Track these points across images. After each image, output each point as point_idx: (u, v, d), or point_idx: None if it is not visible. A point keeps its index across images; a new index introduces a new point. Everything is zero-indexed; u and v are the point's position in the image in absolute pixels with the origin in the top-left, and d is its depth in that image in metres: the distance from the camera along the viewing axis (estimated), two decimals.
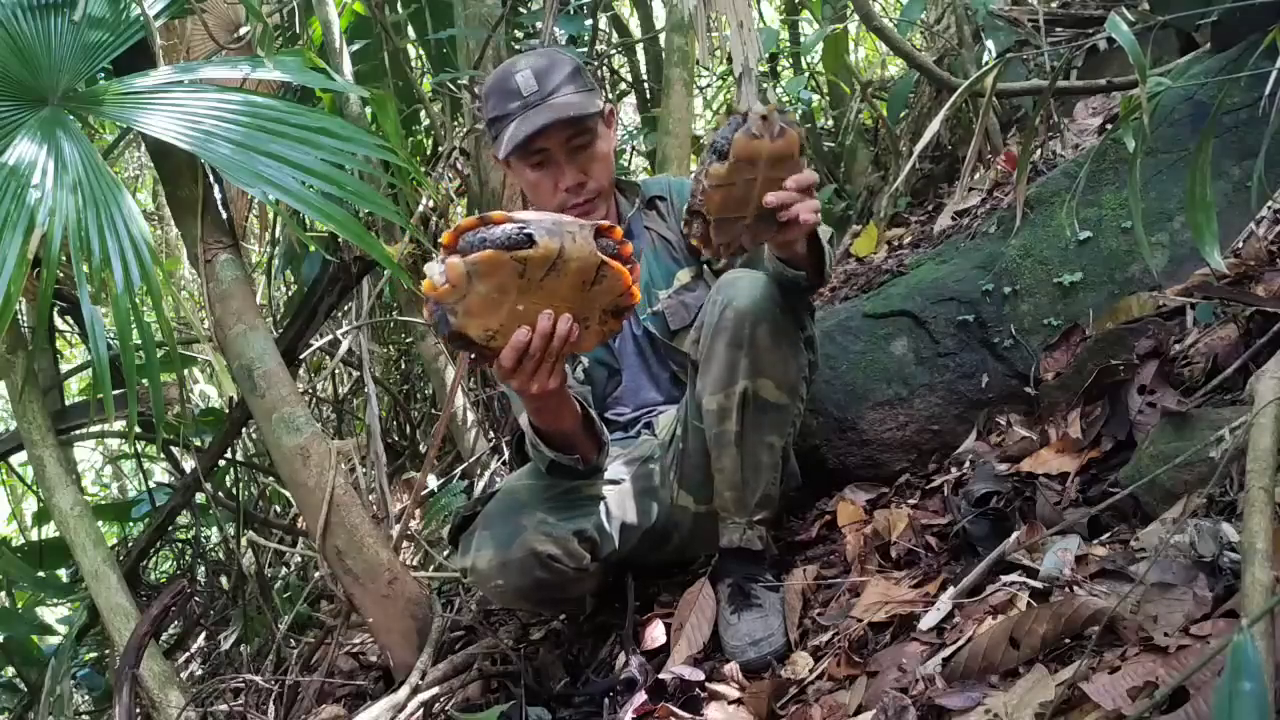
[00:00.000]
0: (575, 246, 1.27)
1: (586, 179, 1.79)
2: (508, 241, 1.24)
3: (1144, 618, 1.16)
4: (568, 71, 1.76)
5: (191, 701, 2.12)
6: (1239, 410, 1.32)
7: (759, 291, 1.60)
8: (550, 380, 1.42)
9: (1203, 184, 1.27)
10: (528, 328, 1.34)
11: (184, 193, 2.33)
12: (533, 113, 1.72)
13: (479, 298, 1.28)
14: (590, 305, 1.36)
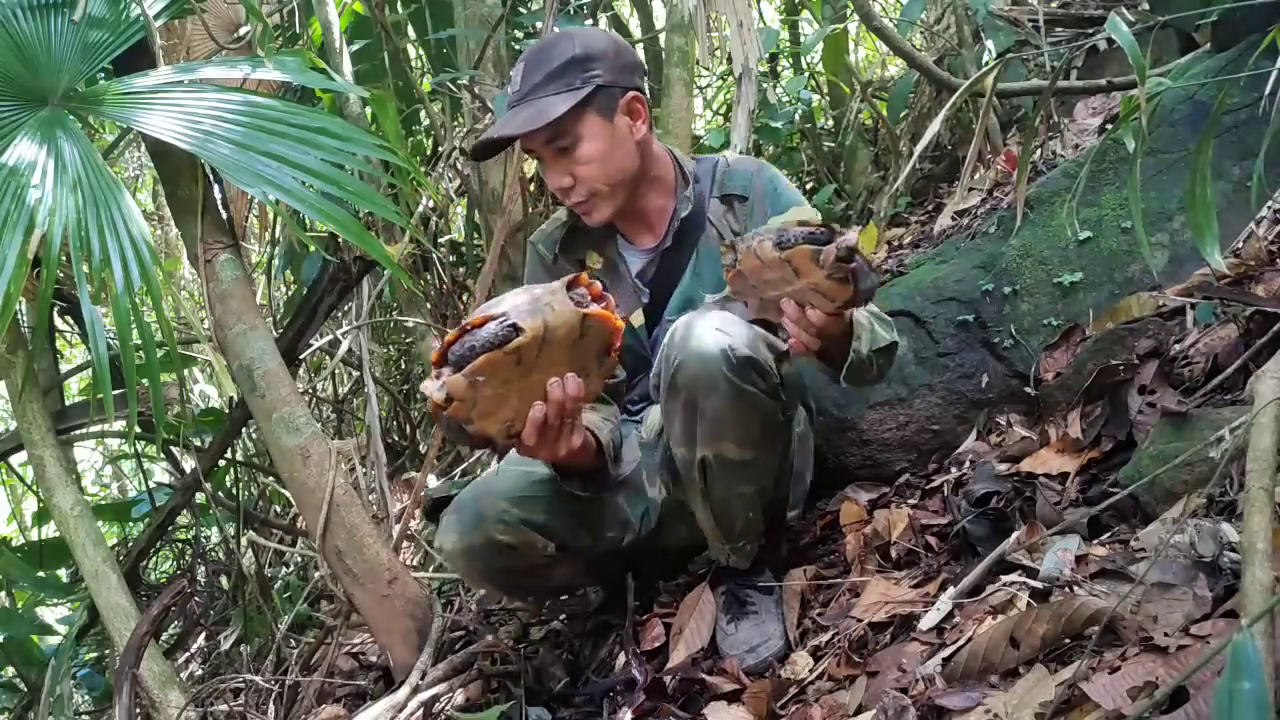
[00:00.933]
0: (556, 314, 1.29)
1: (573, 182, 1.70)
2: (496, 341, 1.26)
3: (1144, 618, 1.16)
4: (554, 67, 1.65)
5: (191, 701, 2.12)
6: (1239, 410, 1.32)
7: (709, 353, 1.46)
8: (574, 439, 1.45)
9: (1203, 184, 1.27)
10: (541, 404, 1.37)
11: (184, 193, 2.33)
12: (510, 114, 1.66)
13: (487, 399, 1.31)
14: (585, 355, 1.38)
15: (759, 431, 1.54)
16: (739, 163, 1.85)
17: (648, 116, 1.75)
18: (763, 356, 1.51)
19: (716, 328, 1.49)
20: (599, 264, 1.86)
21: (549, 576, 1.82)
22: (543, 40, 1.74)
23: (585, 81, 1.65)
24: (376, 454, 2.92)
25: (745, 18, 2.43)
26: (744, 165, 1.84)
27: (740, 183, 1.81)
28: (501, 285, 3.07)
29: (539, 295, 1.30)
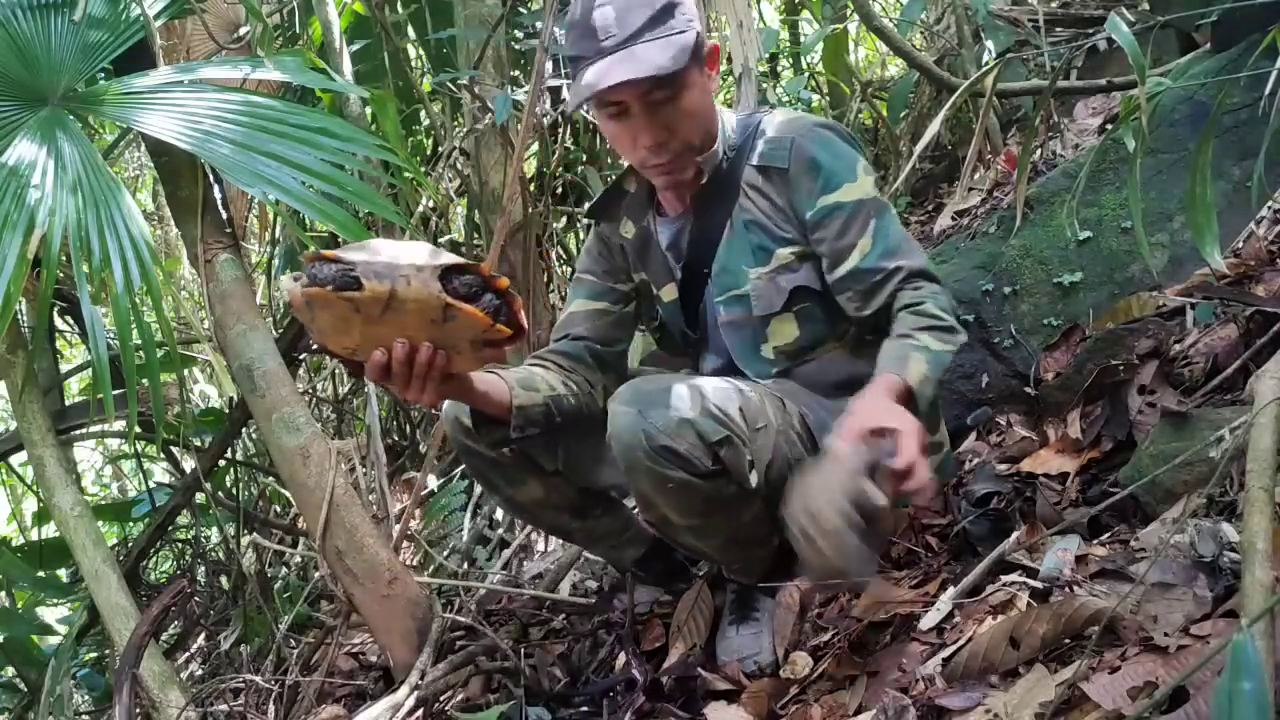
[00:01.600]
0: (410, 290, 1.26)
1: (669, 137, 1.53)
2: (332, 282, 1.25)
3: (1144, 618, 1.16)
4: (653, 11, 1.48)
5: (191, 701, 2.12)
6: (1239, 410, 1.32)
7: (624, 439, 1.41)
8: (427, 396, 1.38)
9: (1203, 184, 1.27)
10: (384, 350, 1.33)
11: (184, 193, 2.33)
12: (605, 62, 1.46)
13: (325, 322, 1.30)
14: (454, 337, 1.34)
15: (701, 506, 1.46)
16: (782, 127, 1.63)
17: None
18: (685, 446, 1.38)
19: (639, 410, 1.40)
20: (631, 233, 1.75)
21: None
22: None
23: (687, 26, 1.51)
24: (376, 454, 2.91)
25: (745, 18, 2.43)
26: (785, 130, 1.62)
27: (779, 153, 1.61)
28: None
29: (401, 265, 1.26)
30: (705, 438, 1.40)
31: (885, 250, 1.54)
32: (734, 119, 1.67)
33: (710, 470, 1.41)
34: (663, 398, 1.42)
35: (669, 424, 1.39)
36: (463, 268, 1.30)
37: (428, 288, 1.26)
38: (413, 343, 1.32)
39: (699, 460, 1.40)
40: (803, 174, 1.58)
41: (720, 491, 1.44)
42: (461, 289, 1.30)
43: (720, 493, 1.44)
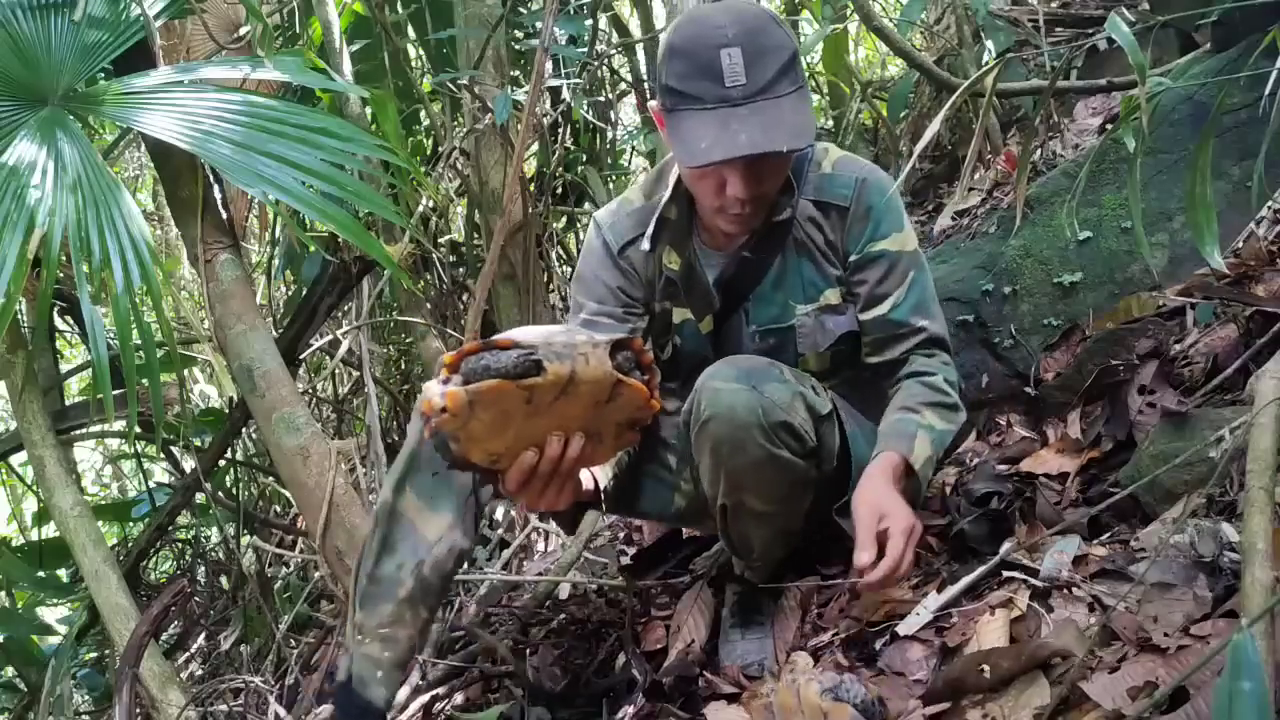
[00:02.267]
0: (588, 369, 1.20)
1: (759, 191, 1.44)
2: (514, 371, 1.17)
3: (1144, 618, 1.16)
4: (784, 61, 1.37)
5: (191, 701, 2.12)
6: (1239, 410, 1.32)
7: (740, 417, 1.38)
8: (560, 500, 1.36)
9: (1203, 184, 1.27)
10: (535, 451, 1.28)
11: (184, 193, 2.34)
12: (733, 115, 1.34)
13: (482, 424, 1.21)
14: (604, 421, 1.30)
15: (785, 490, 1.47)
16: (843, 164, 1.58)
17: None
18: (799, 420, 1.41)
19: (753, 385, 1.39)
20: (676, 264, 1.64)
21: None
22: (743, 19, 1.38)
23: (802, 78, 1.42)
24: (376, 454, 2.92)
25: None
26: (848, 170, 1.57)
27: (841, 191, 1.56)
28: (501, 285, 3.07)
29: (579, 342, 1.21)
30: (815, 410, 1.45)
31: (915, 306, 1.56)
32: None
33: (813, 447, 1.44)
34: (768, 372, 1.43)
35: (785, 397, 1.40)
36: (620, 343, 1.27)
37: (603, 365, 1.22)
38: (566, 434, 1.28)
39: (808, 436, 1.43)
40: (860, 216, 1.56)
41: (807, 474, 1.47)
42: (625, 365, 1.26)
43: (806, 475, 1.47)
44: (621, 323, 1.64)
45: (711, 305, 1.63)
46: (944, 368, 1.56)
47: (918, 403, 1.50)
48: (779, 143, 1.34)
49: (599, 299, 1.65)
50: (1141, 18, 2.80)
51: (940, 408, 1.50)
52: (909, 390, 1.53)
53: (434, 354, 3.20)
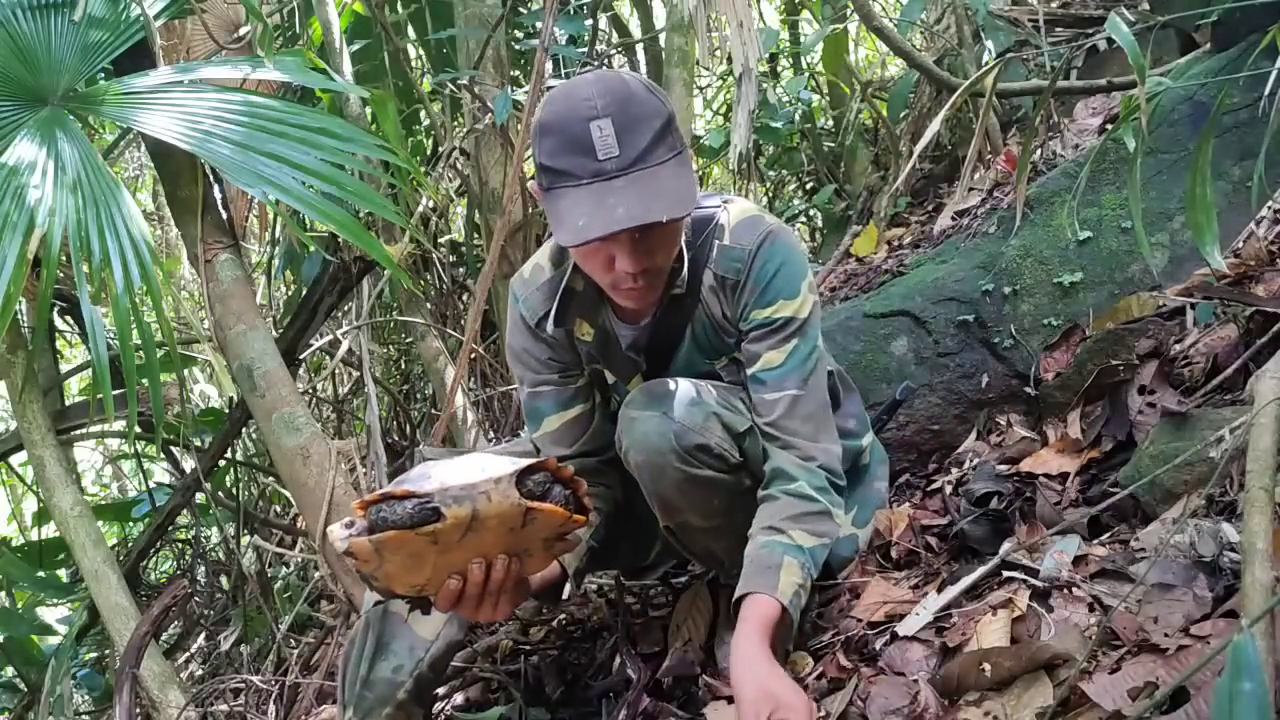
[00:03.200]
0: (491, 505, 1.20)
1: (650, 263, 1.38)
2: (412, 521, 1.18)
3: (1144, 618, 1.16)
4: (657, 128, 1.32)
5: (191, 701, 2.12)
6: (1239, 410, 1.32)
7: (653, 444, 1.40)
8: (499, 612, 1.35)
9: (1203, 184, 1.27)
10: (459, 577, 1.28)
11: (184, 193, 2.34)
12: (608, 189, 1.29)
13: (395, 565, 1.23)
14: (528, 540, 1.30)
15: (723, 503, 1.46)
16: (739, 231, 1.51)
17: None
18: (715, 439, 1.40)
19: (664, 411, 1.39)
20: (590, 335, 1.60)
21: None
22: (613, 88, 1.33)
23: (681, 142, 1.37)
24: (376, 454, 2.92)
25: (745, 18, 2.43)
26: (743, 238, 1.50)
27: (734, 264, 1.50)
28: (501, 285, 3.07)
29: (478, 482, 1.19)
30: (731, 428, 1.42)
31: (788, 373, 1.47)
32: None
33: (737, 463, 1.43)
34: (680, 394, 1.41)
35: (697, 419, 1.39)
36: (531, 468, 1.25)
37: (508, 498, 1.21)
38: (487, 559, 1.28)
39: (729, 454, 1.42)
40: (750, 287, 1.50)
41: (740, 485, 1.45)
42: (536, 489, 1.25)
43: (740, 486, 1.46)
44: (562, 388, 1.63)
45: (638, 368, 1.61)
46: (809, 472, 1.44)
47: (782, 519, 1.41)
48: (657, 213, 1.28)
49: (534, 370, 1.63)
50: (1141, 18, 2.81)
51: (808, 518, 1.41)
52: (772, 506, 1.43)
53: (434, 354, 3.21)
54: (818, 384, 1.50)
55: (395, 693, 1.51)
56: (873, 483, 1.76)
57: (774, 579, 1.35)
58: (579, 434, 1.65)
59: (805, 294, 1.49)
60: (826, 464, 1.47)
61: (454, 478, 1.20)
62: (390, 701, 1.53)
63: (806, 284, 1.50)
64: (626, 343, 1.59)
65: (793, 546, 1.38)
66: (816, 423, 1.48)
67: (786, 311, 1.47)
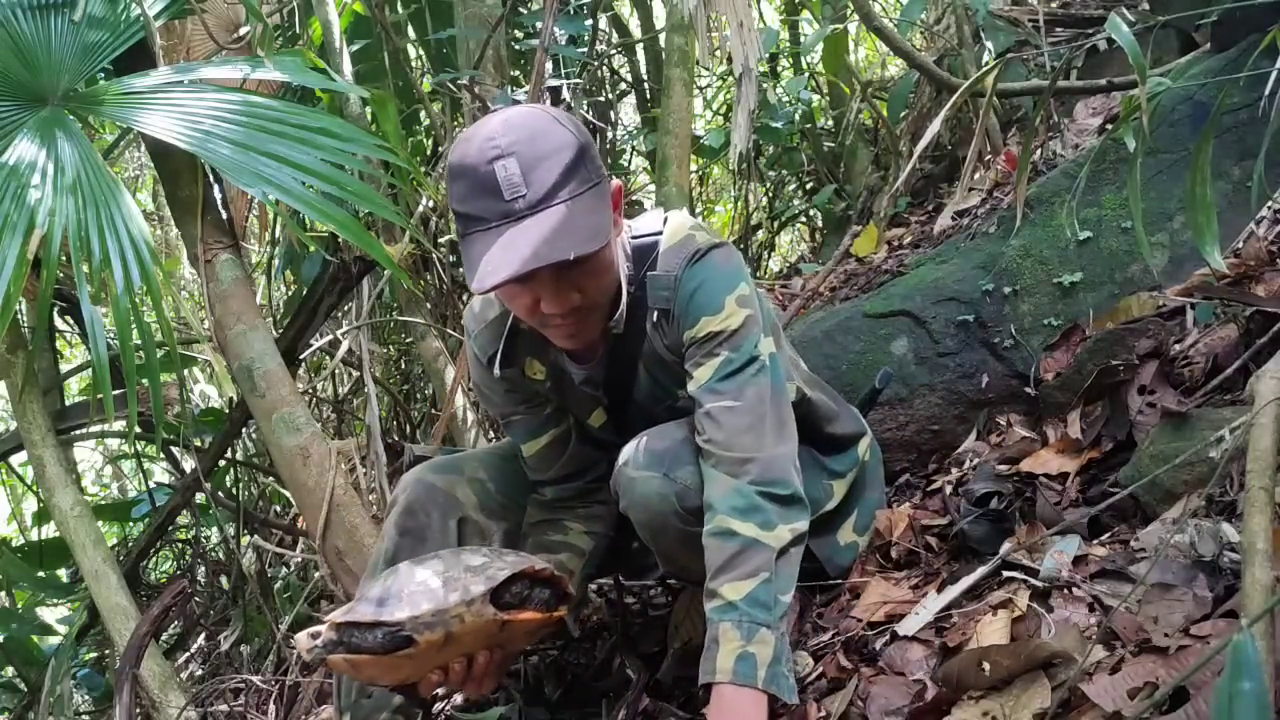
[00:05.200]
0: (465, 626, 1.20)
1: (580, 300, 1.34)
2: (382, 649, 1.18)
3: (1144, 618, 1.16)
4: (567, 161, 1.27)
5: (191, 701, 2.12)
6: (1239, 410, 1.32)
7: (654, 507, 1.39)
8: (483, 688, 1.34)
9: (1203, 184, 1.27)
10: (440, 672, 1.28)
11: (184, 193, 2.34)
12: (517, 230, 1.24)
13: (373, 673, 1.24)
14: (507, 637, 1.30)
15: None
16: (666, 258, 1.45)
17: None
18: None
19: (665, 472, 1.37)
20: (541, 373, 1.57)
21: None
22: (517, 122, 1.29)
23: (599, 175, 1.33)
24: (376, 454, 2.92)
25: (745, 18, 2.43)
26: (669, 266, 1.44)
27: (663, 294, 1.45)
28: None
29: (452, 605, 1.18)
30: None
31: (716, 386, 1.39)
32: (627, 245, 1.48)
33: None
34: (678, 450, 1.40)
35: (698, 480, 1.38)
36: (510, 579, 1.25)
37: (481, 617, 1.21)
38: (469, 656, 1.29)
39: None
40: (680, 312, 1.44)
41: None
42: (514, 599, 1.25)
43: None
44: (531, 416, 1.61)
45: (598, 402, 1.59)
46: (731, 492, 1.34)
47: (712, 577, 1.33)
48: (563, 251, 1.23)
49: (500, 403, 1.62)
50: (1141, 18, 2.81)
51: (735, 562, 1.31)
52: (706, 556, 1.35)
53: (434, 354, 3.21)
54: (758, 394, 1.39)
55: (392, 699, 1.51)
56: (874, 489, 1.76)
57: (711, 666, 1.28)
58: (556, 457, 1.64)
59: (731, 307, 1.40)
60: (761, 474, 1.35)
61: (426, 600, 1.19)
62: (387, 707, 1.54)
63: (733, 297, 1.41)
64: (580, 379, 1.55)
65: (724, 607, 1.29)
66: (756, 433, 1.37)
67: (711, 327, 1.40)
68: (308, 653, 1.20)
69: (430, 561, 1.28)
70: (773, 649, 1.26)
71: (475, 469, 1.66)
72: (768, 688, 1.24)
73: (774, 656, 1.26)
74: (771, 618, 1.28)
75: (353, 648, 1.18)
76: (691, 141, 3.50)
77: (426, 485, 1.60)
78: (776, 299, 3.20)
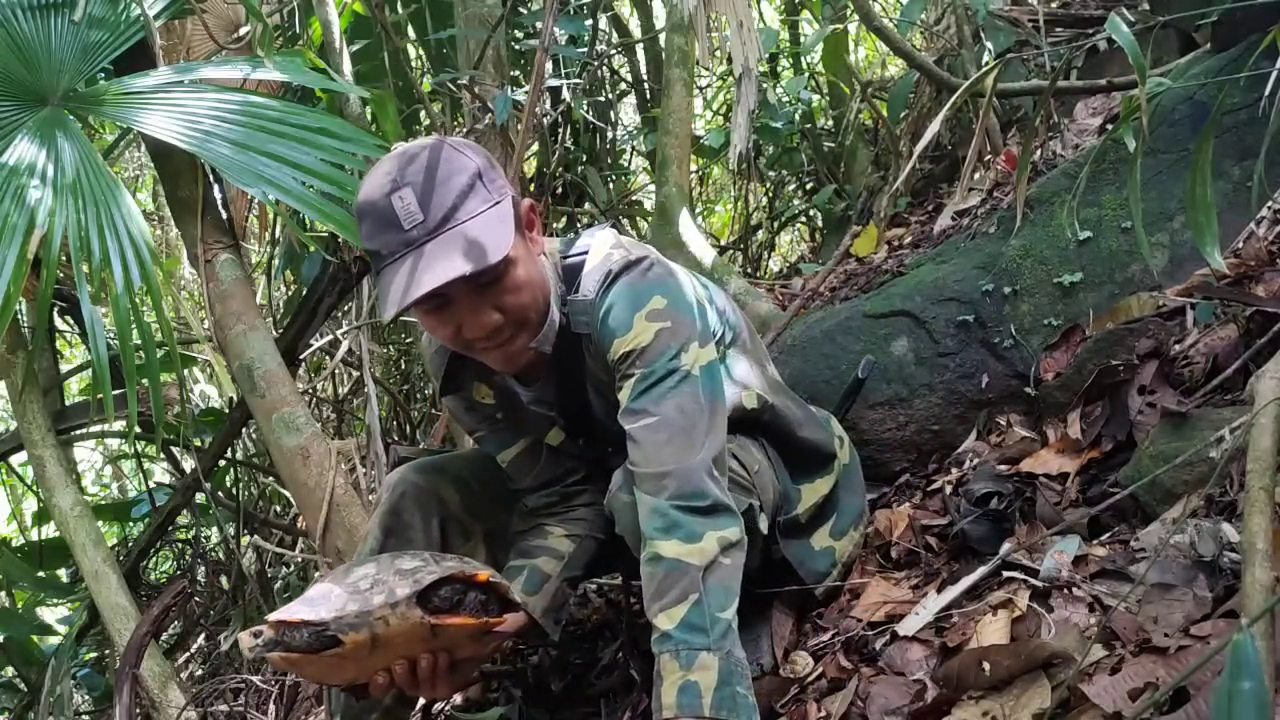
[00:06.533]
0: (390, 629, 1.22)
1: (501, 320, 1.35)
2: (310, 647, 1.20)
3: (1144, 618, 1.16)
4: (463, 184, 1.30)
5: (191, 701, 2.12)
6: (1239, 410, 1.32)
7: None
8: (438, 691, 1.35)
9: (1203, 184, 1.27)
10: (385, 674, 1.29)
11: (184, 193, 2.34)
12: (417, 256, 1.26)
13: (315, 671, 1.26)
14: (447, 642, 1.30)
15: None
16: (586, 281, 1.45)
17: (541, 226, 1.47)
18: None
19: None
20: (489, 396, 1.59)
21: None
22: (417, 157, 1.32)
23: (500, 194, 1.34)
24: (376, 454, 2.91)
25: (745, 18, 2.43)
26: (588, 288, 1.44)
27: (583, 319, 1.45)
28: None
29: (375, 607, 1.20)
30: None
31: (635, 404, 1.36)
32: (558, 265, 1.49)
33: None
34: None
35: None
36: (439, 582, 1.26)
37: (407, 619, 1.22)
38: (410, 659, 1.29)
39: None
40: (600, 335, 1.43)
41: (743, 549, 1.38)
42: (443, 604, 1.26)
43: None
44: (500, 433, 1.62)
45: (551, 422, 1.59)
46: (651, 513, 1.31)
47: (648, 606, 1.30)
48: (457, 269, 1.25)
49: (466, 421, 1.65)
50: (1141, 18, 2.81)
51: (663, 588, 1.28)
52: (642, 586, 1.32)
53: None
54: (677, 406, 1.35)
55: (381, 698, 1.51)
56: (853, 493, 1.74)
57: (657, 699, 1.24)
58: (531, 466, 1.65)
59: (640, 325, 1.38)
60: (678, 489, 1.31)
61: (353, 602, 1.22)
62: (376, 707, 1.55)
63: (642, 314, 1.39)
64: (528, 399, 1.56)
65: (660, 638, 1.26)
66: (675, 445, 1.33)
67: (624, 348, 1.38)
68: (249, 650, 1.23)
69: (366, 564, 1.30)
70: (716, 673, 1.21)
71: (459, 469, 1.67)
72: (716, 714, 1.19)
73: (719, 680, 1.21)
74: (709, 640, 1.23)
75: (286, 646, 1.21)
76: (691, 141, 3.50)
77: (411, 485, 1.61)
78: (776, 299, 3.20)
